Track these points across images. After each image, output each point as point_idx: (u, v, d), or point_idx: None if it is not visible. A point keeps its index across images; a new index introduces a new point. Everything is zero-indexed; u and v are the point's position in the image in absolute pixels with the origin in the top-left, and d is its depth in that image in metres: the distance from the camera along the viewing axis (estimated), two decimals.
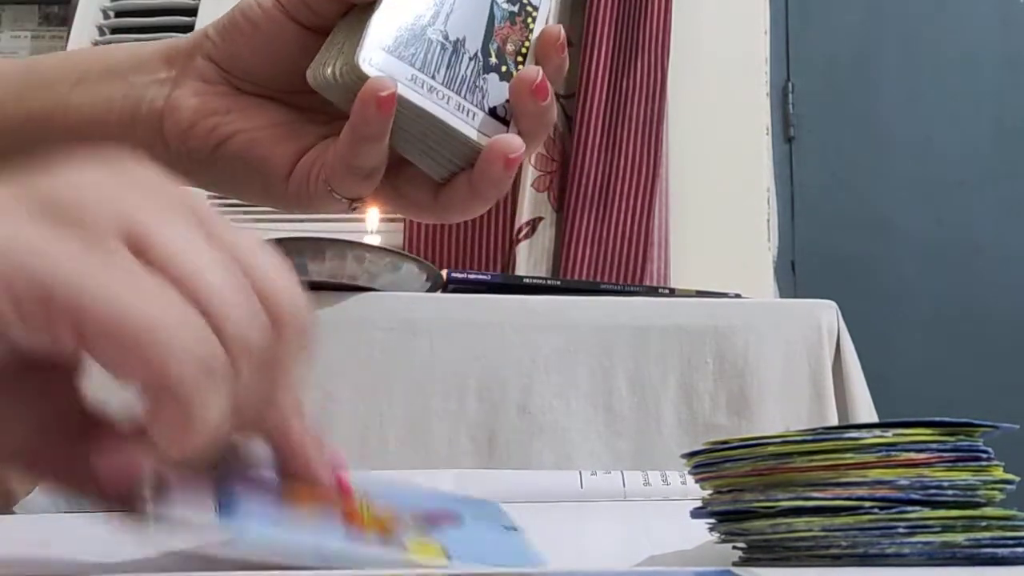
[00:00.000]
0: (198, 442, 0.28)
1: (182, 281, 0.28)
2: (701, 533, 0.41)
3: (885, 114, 2.07)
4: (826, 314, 1.10)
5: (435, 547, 0.34)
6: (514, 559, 0.36)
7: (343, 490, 0.35)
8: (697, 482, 0.40)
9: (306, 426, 0.35)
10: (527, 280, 1.20)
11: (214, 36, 0.47)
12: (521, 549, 0.37)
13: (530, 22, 0.46)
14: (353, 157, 0.43)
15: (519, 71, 0.44)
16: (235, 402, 0.29)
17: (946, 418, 0.36)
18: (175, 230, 0.29)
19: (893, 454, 0.35)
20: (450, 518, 0.37)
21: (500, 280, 1.21)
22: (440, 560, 0.33)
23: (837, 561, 0.35)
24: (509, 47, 0.45)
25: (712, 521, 0.40)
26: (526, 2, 0.46)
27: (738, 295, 1.21)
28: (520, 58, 0.45)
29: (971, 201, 2.03)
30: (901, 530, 0.34)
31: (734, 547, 0.39)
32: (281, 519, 0.32)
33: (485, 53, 0.44)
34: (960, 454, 0.36)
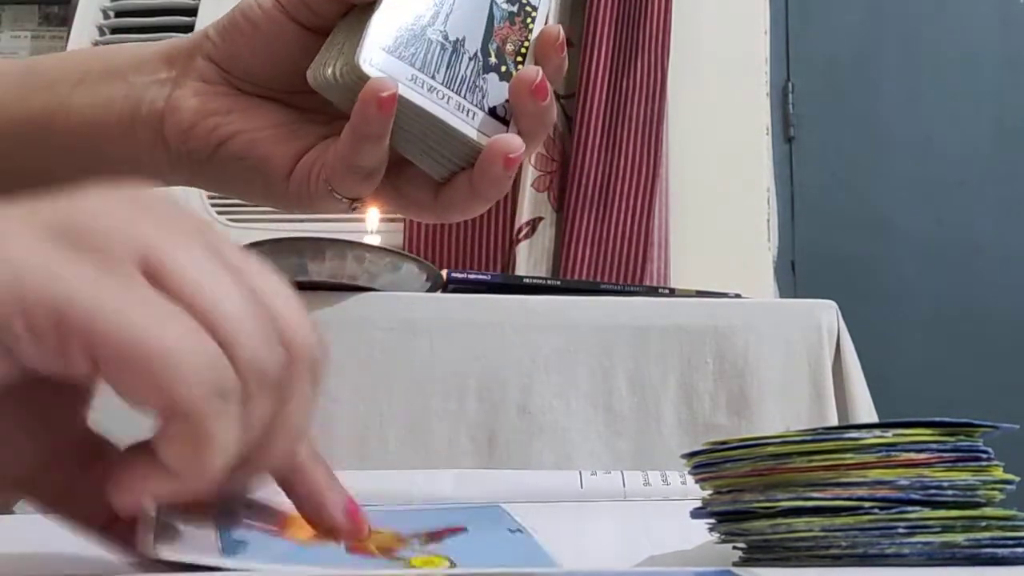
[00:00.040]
0: (212, 468, 0.28)
1: (197, 307, 0.28)
2: (701, 533, 0.41)
3: (885, 114, 2.07)
4: (826, 314, 1.10)
5: (440, 559, 0.34)
6: (519, 560, 0.36)
7: (359, 530, 0.35)
8: (697, 482, 0.40)
9: (320, 467, 0.35)
10: (527, 280, 1.20)
11: (214, 36, 0.47)
12: (526, 550, 0.37)
13: (529, 22, 0.46)
14: (354, 157, 0.43)
15: (519, 71, 0.45)
16: (249, 432, 0.29)
17: (946, 418, 0.36)
18: (190, 256, 0.29)
19: (893, 454, 0.35)
20: (454, 530, 0.37)
21: (500, 280, 1.21)
22: (444, 570, 0.33)
23: (837, 561, 0.35)
24: (509, 47, 0.45)
25: (712, 521, 0.40)
26: (525, 2, 0.46)
27: (738, 295, 1.21)
28: (520, 58, 0.45)
29: (971, 201, 2.03)
30: (901, 530, 0.34)
31: (734, 547, 0.39)
32: (285, 553, 0.32)
33: (485, 53, 0.44)
34: (960, 454, 0.36)
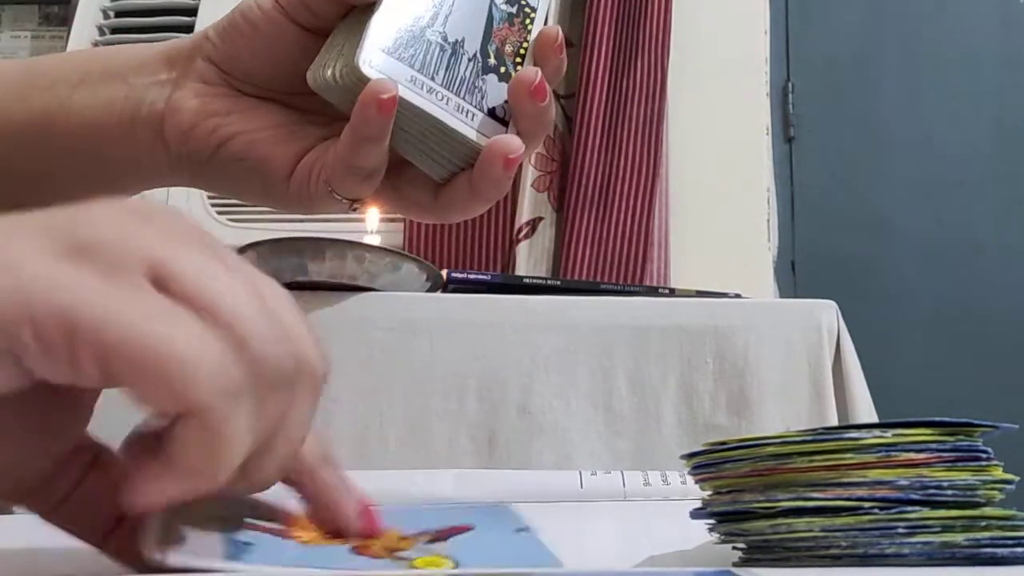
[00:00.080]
0: (226, 468, 0.28)
1: (206, 310, 0.28)
2: (701, 533, 0.41)
3: (885, 114, 2.07)
4: (826, 314, 1.10)
5: (444, 559, 0.34)
6: (523, 561, 0.36)
7: (373, 530, 0.35)
8: (697, 483, 0.40)
9: (333, 471, 0.35)
10: (527, 280, 1.20)
11: (214, 38, 0.47)
12: (530, 550, 0.37)
13: (528, 23, 0.46)
14: (354, 158, 0.43)
15: (518, 72, 0.45)
16: (259, 433, 0.29)
17: (946, 418, 0.36)
18: (195, 262, 0.29)
19: (893, 454, 0.35)
20: (460, 530, 0.37)
21: (500, 280, 1.21)
22: (446, 570, 0.33)
23: (837, 561, 0.35)
24: (508, 48, 0.45)
25: (712, 521, 0.40)
26: (524, 3, 0.46)
27: (738, 295, 1.21)
28: (518, 59, 0.45)
29: (971, 201, 2.03)
30: (901, 530, 0.34)
31: (734, 547, 0.39)
32: (290, 555, 0.33)
33: (484, 54, 0.45)
34: (960, 454, 0.36)
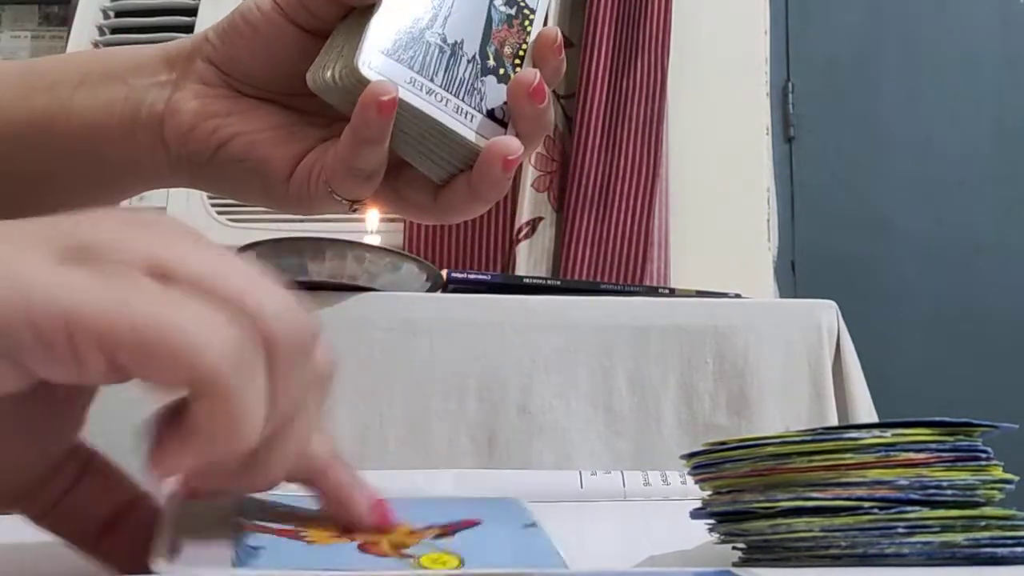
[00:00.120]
0: (246, 436, 0.28)
1: (209, 290, 0.28)
2: (701, 533, 0.41)
3: (885, 114, 2.07)
4: (826, 314, 1.10)
5: (449, 556, 0.34)
6: (528, 558, 0.36)
7: (386, 524, 0.35)
8: (697, 483, 0.40)
9: (343, 467, 0.35)
10: (527, 280, 1.20)
11: (214, 39, 0.47)
12: (537, 546, 0.37)
13: (527, 25, 0.46)
14: (354, 159, 0.43)
15: (516, 74, 0.45)
16: (279, 408, 0.29)
17: (945, 418, 0.36)
18: (196, 255, 0.29)
19: (892, 454, 0.35)
20: (467, 524, 0.37)
21: (500, 280, 1.21)
22: (452, 568, 0.33)
23: (837, 561, 0.35)
24: (507, 50, 0.45)
25: (712, 521, 0.40)
26: (523, 5, 0.46)
27: (738, 295, 1.21)
28: (518, 60, 0.45)
29: (971, 201, 2.03)
30: (900, 530, 0.34)
31: (734, 547, 0.39)
32: (297, 555, 0.33)
33: (483, 56, 0.45)
34: (959, 454, 0.36)
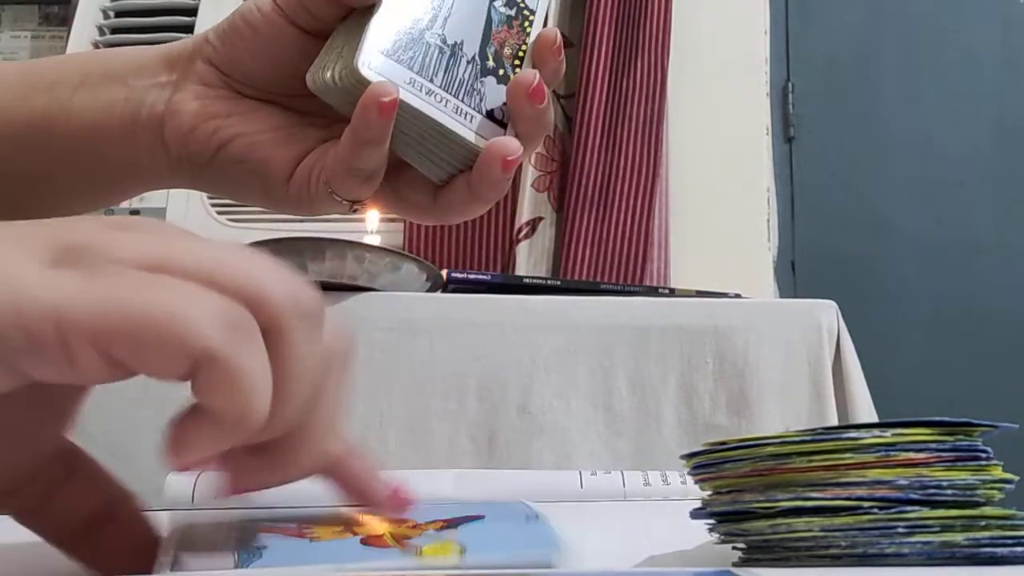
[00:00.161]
0: (253, 407, 0.28)
1: (203, 274, 0.28)
2: (701, 533, 0.41)
3: (885, 114, 2.07)
4: (826, 314, 1.10)
5: (451, 545, 0.34)
6: (531, 546, 0.36)
7: (404, 504, 0.35)
8: (697, 483, 0.40)
9: (359, 458, 0.35)
10: (527, 280, 1.20)
11: (214, 40, 0.47)
12: (540, 536, 0.37)
13: (527, 26, 0.46)
14: (354, 160, 0.43)
15: (516, 74, 0.45)
16: (288, 379, 0.29)
17: (945, 418, 0.36)
18: (190, 250, 0.29)
19: (892, 454, 0.35)
20: (470, 518, 0.37)
21: (500, 280, 1.21)
22: (453, 556, 0.33)
23: (837, 561, 0.35)
24: (506, 51, 0.45)
25: (712, 521, 0.40)
26: (523, 6, 0.46)
27: (738, 295, 1.21)
28: (517, 61, 0.45)
29: (971, 201, 2.03)
30: (900, 530, 0.34)
31: (734, 547, 0.39)
32: (299, 552, 0.33)
33: (483, 56, 0.45)
34: (959, 454, 0.36)
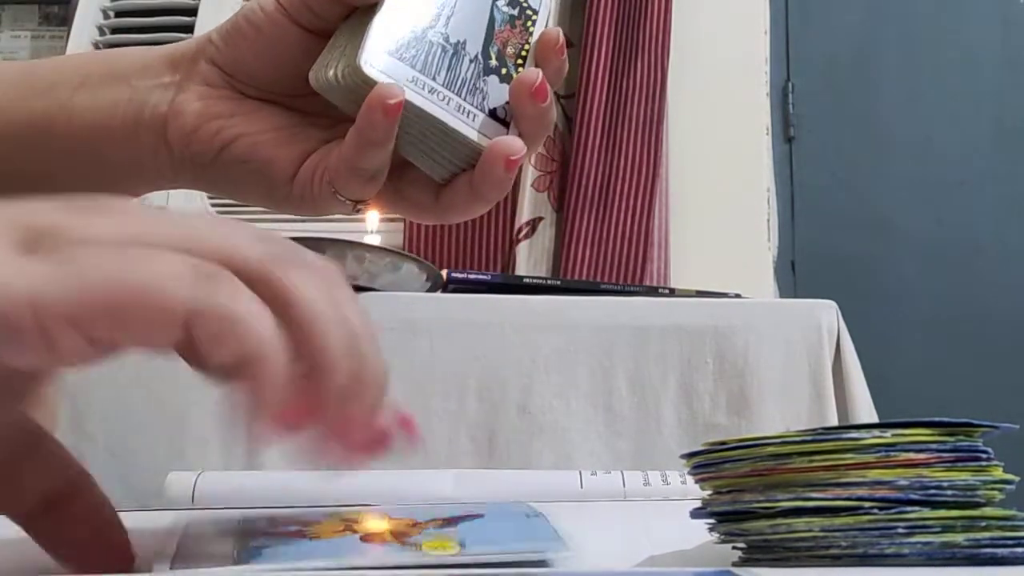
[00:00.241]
0: (256, 338, 0.28)
1: (173, 243, 0.28)
2: (701, 533, 0.41)
3: (885, 114, 2.07)
4: (826, 314, 1.10)
5: (450, 540, 0.34)
6: (530, 542, 0.36)
7: (412, 434, 0.35)
8: (697, 482, 0.40)
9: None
10: (527, 280, 1.20)
11: (217, 40, 0.47)
12: (540, 532, 0.37)
13: (530, 25, 0.46)
14: (358, 160, 0.43)
15: (519, 73, 0.45)
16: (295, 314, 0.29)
17: (945, 418, 0.36)
18: (156, 223, 0.29)
19: (892, 454, 0.35)
20: (471, 516, 0.37)
21: (500, 280, 1.21)
22: (452, 551, 0.33)
23: (837, 561, 0.35)
24: (509, 50, 0.45)
25: (712, 521, 0.40)
26: (526, 5, 0.46)
27: (738, 295, 1.21)
28: (520, 60, 0.45)
29: (971, 201, 2.03)
30: (901, 530, 0.34)
31: (734, 547, 0.39)
32: (299, 550, 0.33)
33: (485, 55, 0.45)
34: (959, 454, 0.36)
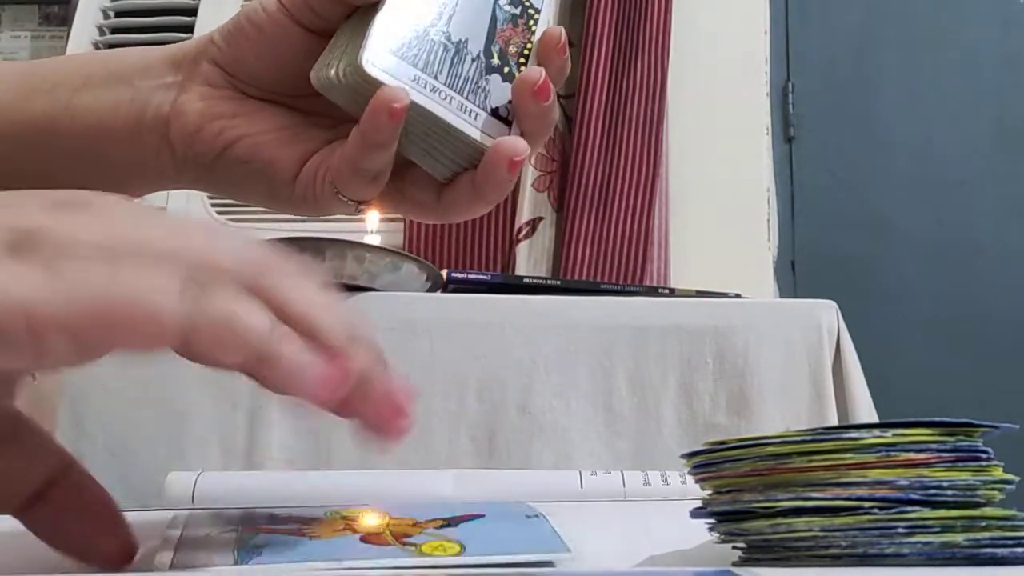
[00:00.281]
0: (250, 336, 0.29)
1: (152, 252, 0.28)
2: (701, 533, 0.41)
3: (885, 114, 2.07)
4: (826, 314, 1.10)
5: (450, 543, 0.34)
6: (531, 544, 0.36)
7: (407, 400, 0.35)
8: (697, 482, 0.40)
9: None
10: (527, 280, 1.20)
11: (219, 41, 0.47)
12: (540, 534, 0.37)
13: (532, 24, 0.46)
14: (361, 161, 0.43)
15: (521, 72, 0.45)
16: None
17: (946, 418, 0.36)
18: (137, 226, 0.29)
19: (893, 454, 0.35)
20: (471, 516, 0.37)
21: (500, 280, 1.21)
22: (452, 554, 0.33)
23: (837, 561, 0.35)
24: (511, 48, 0.45)
25: (712, 521, 0.40)
26: (528, 4, 0.46)
27: (738, 295, 1.21)
28: (522, 59, 0.45)
29: (971, 201, 2.03)
30: (901, 530, 0.34)
31: (734, 547, 0.39)
32: (299, 550, 0.33)
33: (487, 54, 0.45)
34: (960, 454, 0.36)
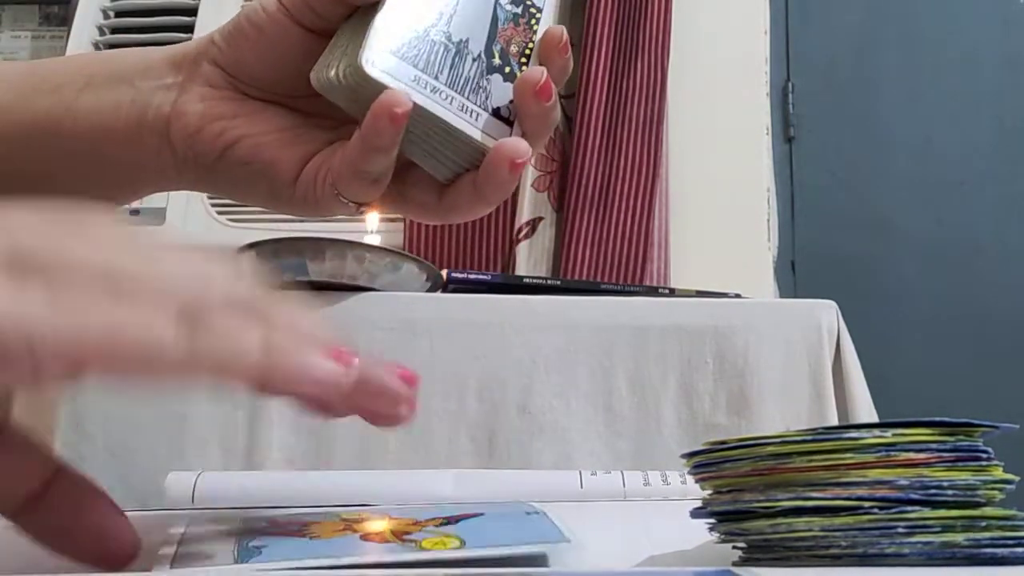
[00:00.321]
0: (246, 358, 0.29)
1: (152, 286, 0.29)
2: (701, 533, 0.41)
3: (885, 114, 2.07)
4: (826, 314, 1.10)
5: (450, 539, 0.34)
6: (531, 539, 0.36)
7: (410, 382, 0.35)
8: (697, 482, 0.40)
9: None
10: (527, 280, 1.20)
11: (220, 42, 0.47)
12: (540, 529, 0.37)
13: (534, 23, 0.46)
14: (362, 164, 0.43)
15: (523, 72, 0.45)
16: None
17: (946, 418, 0.36)
18: (132, 253, 0.30)
19: (893, 454, 0.35)
20: (472, 515, 0.37)
21: (500, 280, 1.21)
22: (452, 548, 0.33)
23: (837, 561, 0.35)
24: (513, 48, 0.45)
25: (712, 521, 0.40)
26: (530, 4, 0.46)
27: (738, 295, 1.21)
28: (524, 59, 0.45)
29: (971, 201, 2.03)
30: (901, 530, 0.34)
31: (734, 547, 0.39)
32: (298, 549, 0.33)
33: (489, 54, 0.45)
34: (960, 454, 0.36)
